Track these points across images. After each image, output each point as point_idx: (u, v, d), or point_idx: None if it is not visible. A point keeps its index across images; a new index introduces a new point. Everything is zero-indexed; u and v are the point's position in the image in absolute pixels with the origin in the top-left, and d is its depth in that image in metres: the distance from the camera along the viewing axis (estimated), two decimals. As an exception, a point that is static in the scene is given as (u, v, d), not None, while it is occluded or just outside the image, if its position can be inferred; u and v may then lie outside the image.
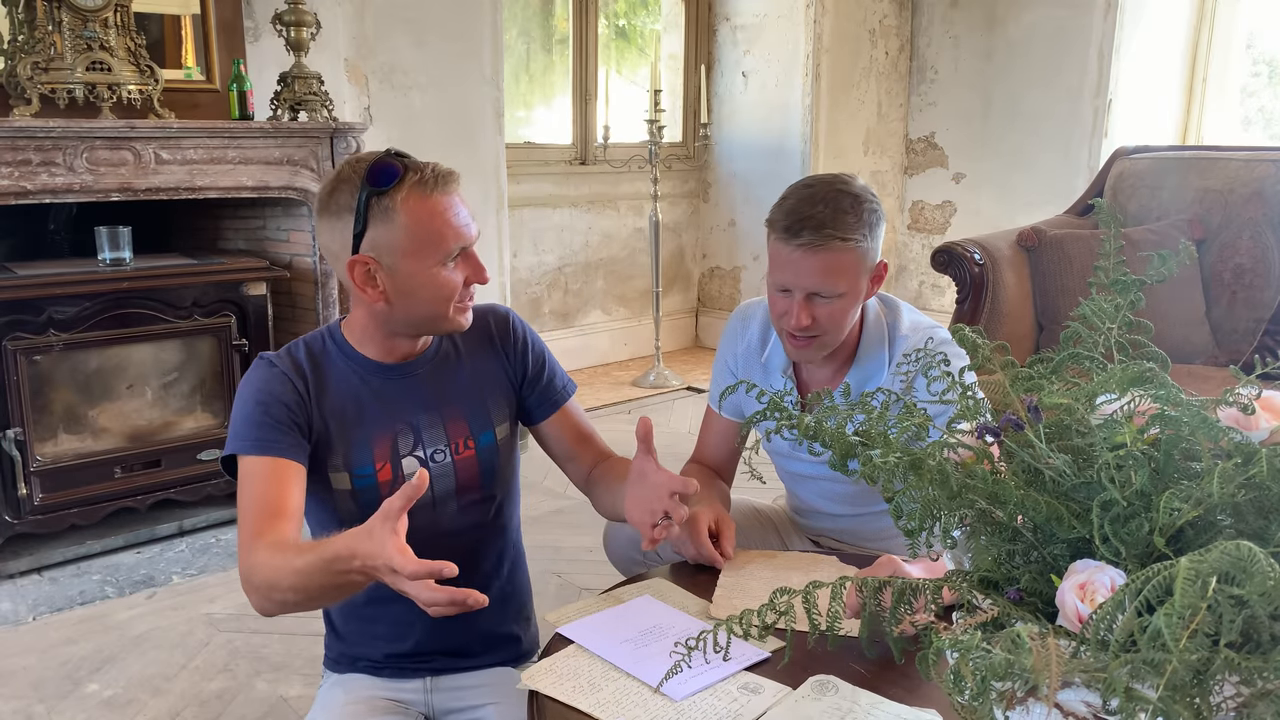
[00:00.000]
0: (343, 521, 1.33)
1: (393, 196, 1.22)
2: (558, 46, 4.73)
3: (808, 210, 1.43)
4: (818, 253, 1.43)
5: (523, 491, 1.51)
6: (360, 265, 1.24)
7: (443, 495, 1.37)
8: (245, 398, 1.29)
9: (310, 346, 1.35)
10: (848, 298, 1.47)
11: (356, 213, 1.22)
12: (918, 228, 5.18)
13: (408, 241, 1.23)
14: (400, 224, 1.22)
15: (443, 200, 1.24)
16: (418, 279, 1.25)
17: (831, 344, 1.52)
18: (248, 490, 1.24)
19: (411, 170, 1.23)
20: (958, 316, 2.90)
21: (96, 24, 2.52)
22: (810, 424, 0.90)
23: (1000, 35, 4.67)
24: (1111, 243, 0.87)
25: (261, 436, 1.25)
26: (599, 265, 4.90)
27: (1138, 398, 0.79)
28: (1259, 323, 2.79)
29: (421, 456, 1.35)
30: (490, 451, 1.40)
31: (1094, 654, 0.67)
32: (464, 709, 1.39)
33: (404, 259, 1.24)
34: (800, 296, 1.46)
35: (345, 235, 1.24)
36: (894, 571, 1.23)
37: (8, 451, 2.48)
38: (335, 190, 1.25)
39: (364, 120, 3.19)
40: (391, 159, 1.24)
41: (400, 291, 1.26)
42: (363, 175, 1.23)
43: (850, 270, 1.45)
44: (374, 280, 1.25)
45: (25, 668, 2.13)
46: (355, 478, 1.32)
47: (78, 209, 2.84)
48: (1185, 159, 3.11)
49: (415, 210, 1.22)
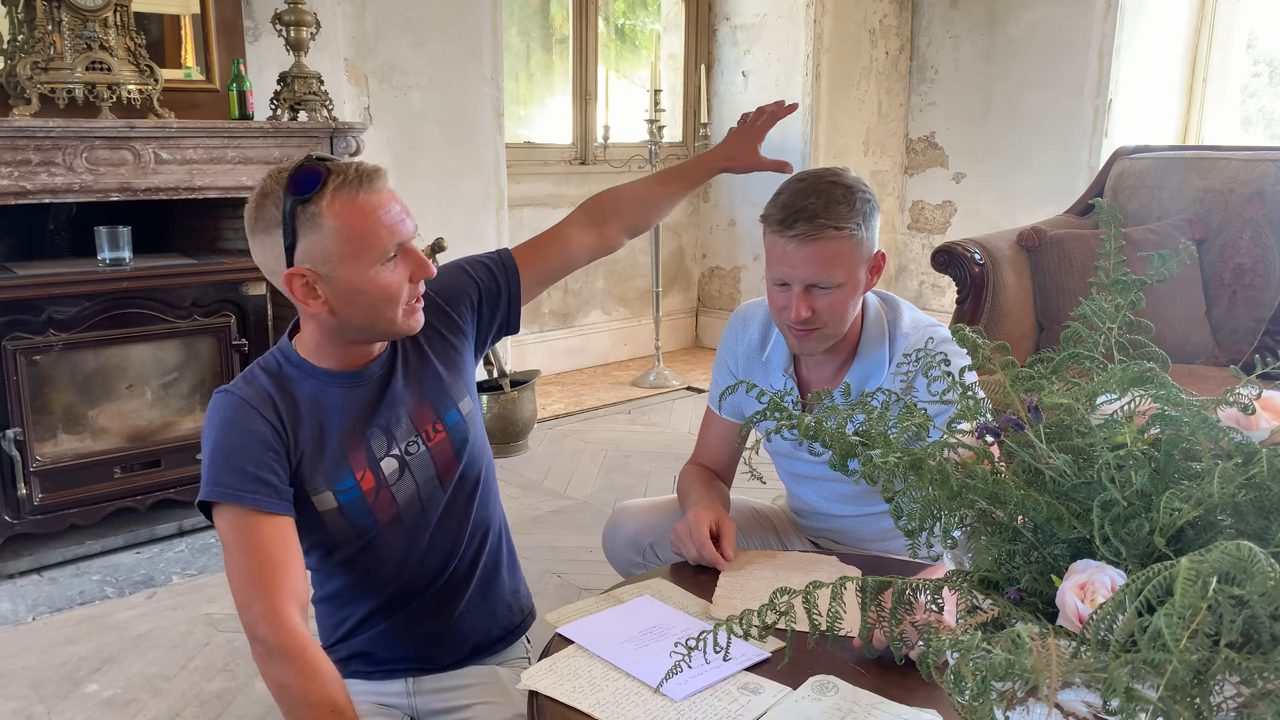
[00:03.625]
0: (334, 537, 1.33)
1: (318, 203, 1.17)
2: (557, 46, 4.73)
3: (801, 202, 1.45)
4: (813, 243, 1.44)
5: (523, 491, 1.52)
6: (298, 278, 1.20)
7: (426, 484, 1.36)
8: (219, 441, 1.24)
9: (268, 370, 1.30)
10: (846, 288, 1.48)
11: (284, 224, 1.18)
12: (918, 228, 5.18)
13: (340, 246, 1.18)
14: (330, 229, 1.17)
15: (371, 199, 1.19)
16: (358, 284, 1.20)
17: (833, 335, 1.52)
18: (239, 552, 1.20)
19: (334, 173, 1.18)
20: (958, 316, 2.89)
21: (96, 24, 2.52)
22: (810, 424, 0.90)
23: (1000, 35, 4.67)
24: (1111, 243, 0.87)
25: (245, 485, 1.21)
26: (599, 265, 4.89)
27: (1138, 398, 0.79)
28: (1259, 323, 2.79)
29: (397, 454, 1.34)
30: (460, 428, 1.39)
31: (1094, 654, 0.67)
32: (450, 709, 1.39)
33: (340, 265, 1.19)
34: (799, 289, 1.47)
35: (277, 249, 1.20)
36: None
37: (7, 451, 2.48)
38: (260, 205, 1.21)
39: (364, 120, 3.19)
40: (312, 164, 1.19)
41: (343, 300, 1.21)
42: (284, 185, 1.18)
43: (846, 259, 1.46)
44: (314, 292, 1.21)
45: (25, 668, 2.13)
46: (339, 494, 1.30)
47: (77, 209, 2.84)
48: (1185, 159, 3.11)
49: (343, 213, 1.18)
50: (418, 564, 1.38)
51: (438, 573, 1.39)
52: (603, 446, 3.63)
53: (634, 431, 3.85)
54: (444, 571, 1.40)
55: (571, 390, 4.41)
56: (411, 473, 1.35)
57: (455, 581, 1.41)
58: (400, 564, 1.37)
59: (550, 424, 3.89)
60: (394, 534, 1.35)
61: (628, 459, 3.50)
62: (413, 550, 1.37)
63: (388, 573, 1.37)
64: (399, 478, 1.34)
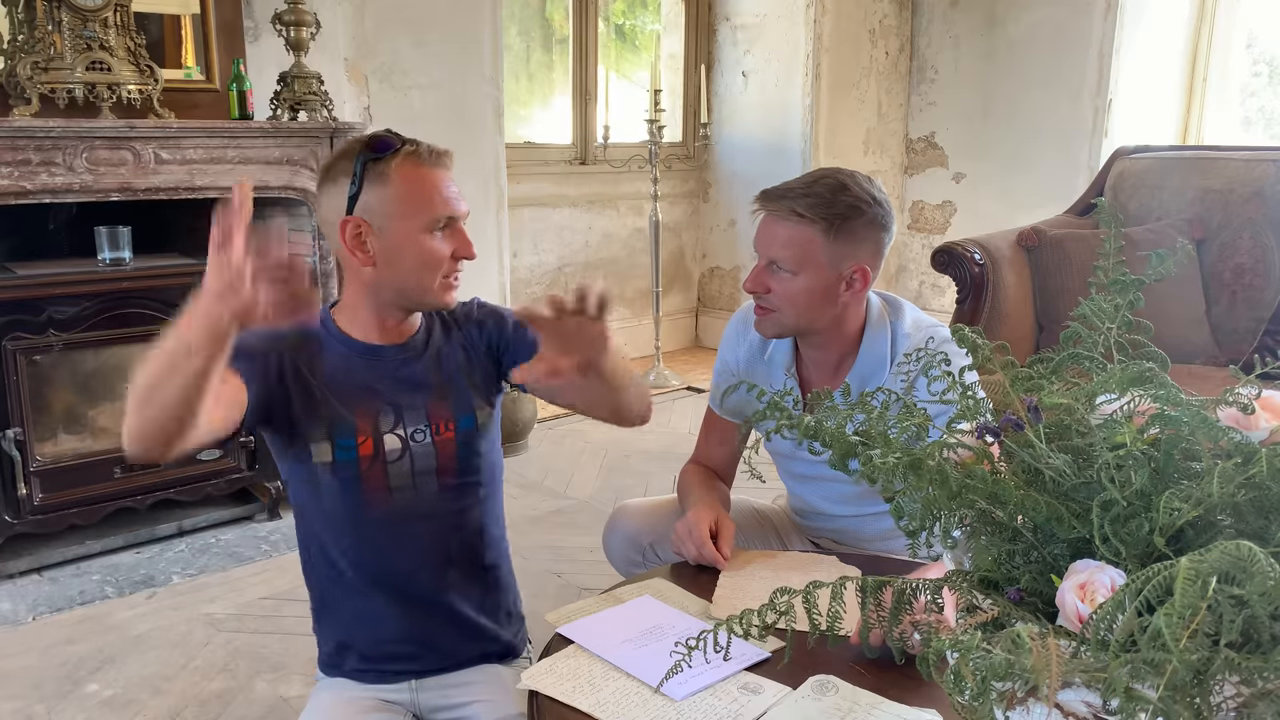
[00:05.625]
0: (318, 492, 1.36)
1: (388, 163, 1.29)
2: (557, 46, 4.73)
3: (790, 183, 1.49)
4: (772, 221, 1.49)
5: (523, 491, 1.52)
6: (352, 225, 1.29)
7: (422, 472, 1.38)
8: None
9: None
10: (801, 279, 1.49)
11: (354, 176, 1.29)
12: (918, 228, 5.18)
13: (397, 204, 1.29)
14: (393, 186, 1.28)
15: (435, 173, 1.32)
16: (405, 243, 1.29)
17: (783, 323, 1.54)
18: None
19: (409, 143, 1.31)
20: (958, 316, 2.89)
21: (96, 24, 2.52)
22: (810, 424, 0.90)
23: (1000, 35, 4.67)
24: (1111, 243, 0.87)
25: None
26: (599, 265, 4.90)
27: (1138, 398, 0.79)
28: (1259, 323, 2.79)
29: (402, 435, 1.37)
30: (470, 435, 1.41)
31: (1094, 654, 0.67)
32: (452, 706, 1.40)
33: (393, 221, 1.29)
34: (762, 263, 1.51)
35: (341, 199, 1.29)
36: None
37: (7, 451, 2.48)
38: (336, 161, 1.33)
39: (364, 120, 3.19)
40: (390, 135, 1.31)
41: (387, 256, 1.30)
42: (362, 144, 1.30)
43: (801, 247, 1.47)
44: (363, 244, 1.30)
45: (25, 668, 2.13)
46: (337, 448, 1.34)
47: (77, 209, 2.84)
48: (1185, 159, 3.11)
49: (408, 176, 1.29)
50: (403, 555, 1.38)
51: (424, 570, 1.39)
52: (603, 446, 3.63)
53: (634, 431, 3.84)
54: (431, 571, 1.40)
55: (571, 390, 4.41)
56: (411, 458, 1.37)
57: (443, 586, 1.41)
58: (383, 548, 1.37)
59: (550, 424, 3.89)
60: (381, 512, 1.36)
61: (628, 459, 3.49)
62: (399, 538, 1.37)
63: (371, 555, 1.37)
64: (398, 457, 1.36)
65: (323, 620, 1.46)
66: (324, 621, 1.45)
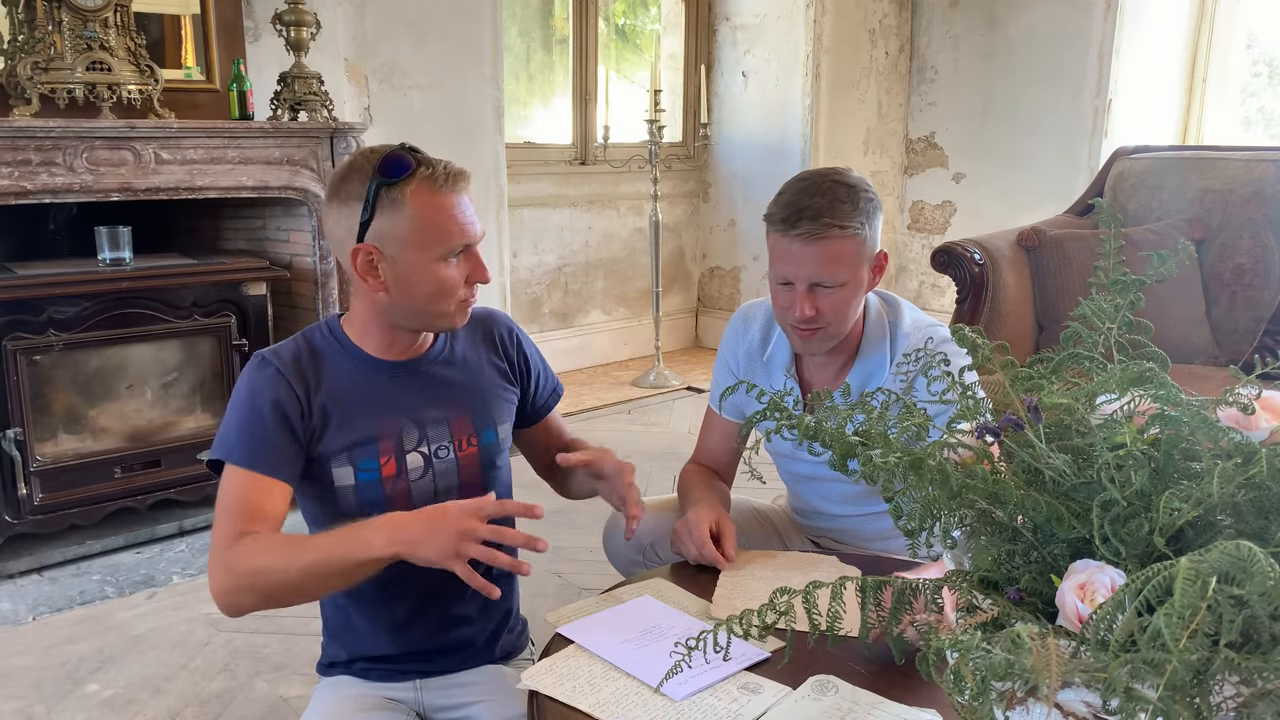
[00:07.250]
0: (344, 518, 1.33)
1: (402, 189, 1.23)
2: (557, 46, 4.73)
3: (805, 201, 1.45)
4: (817, 242, 1.44)
5: (522, 492, 1.52)
6: (364, 253, 1.25)
7: (444, 491, 1.37)
8: (239, 402, 1.28)
9: (310, 340, 1.35)
10: (849, 287, 1.48)
11: (365, 201, 1.24)
12: (918, 228, 5.18)
13: (412, 234, 1.24)
14: (407, 216, 1.23)
15: (451, 198, 1.26)
16: (419, 272, 1.26)
17: (837, 334, 1.53)
18: (230, 495, 1.24)
19: (424, 165, 1.25)
20: (958, 316, 2.89)
21: (96, 24, 2.52)
22: (810, 424, 0.90)
23: (1000, 35, 4.67)
24: (1111, 243, 0.87)
25: (253, 450, 1.25)
26: (599, 265, 4.90)
27: (1138, 398, 0.79)
28: (1259, 323, 2.79)
29: (426, 453, 1.35)
30: (492, 449, 1.42)
31: (1094, 654, 0.67)
32: (455, 706, 1.40)
33: (407, 250, 1.25)
34: (803, 288, 1.47)
35: (351, 223, 1.25)
36: None
37: (8, 451, 2.48)
38: (346, 178, 1.26)
39: (364, 120, 3.19)
40: (405, 153, 1.25)
41: (400, 283, 1.27)
42: (375, 165, 1.24)
43: (849, 258, 1.46)
44: (375, 270, 1.26)
45: (25, 668, 2.13)
46: (359, 471, 1.32)
47: (78, 209, 2.84)
48: (1185, 159, 3.11)
49: (423, 204, 1.24)
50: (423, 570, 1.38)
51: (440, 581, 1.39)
52: (603, 446, 3.62)
53: (634, 431, 3.85)
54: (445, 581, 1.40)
55: (571, 390, 4.41)
56: (434, 475, 1.36)
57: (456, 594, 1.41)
58: (404, 564, 1.37)
59: (550, 424, 3.88)
60: None
61: (628, 459, 3.48)
62: None
63: (391, 572, 1.37)
64: (421, 475, 1.35)
65: (335, 633, 1.45)
66: (336, 634, 1.44)
